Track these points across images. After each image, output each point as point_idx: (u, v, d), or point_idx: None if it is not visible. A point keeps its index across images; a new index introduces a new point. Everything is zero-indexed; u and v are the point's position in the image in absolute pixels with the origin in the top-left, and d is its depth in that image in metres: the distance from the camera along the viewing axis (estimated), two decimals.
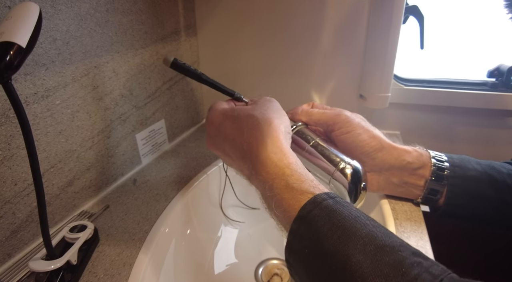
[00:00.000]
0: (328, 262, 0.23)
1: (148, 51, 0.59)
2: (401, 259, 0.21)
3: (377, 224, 0.24)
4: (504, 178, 0.37)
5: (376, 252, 0.22)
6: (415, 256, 0.21)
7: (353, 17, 0.65)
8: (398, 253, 0.21)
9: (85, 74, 0.47)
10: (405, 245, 0.23)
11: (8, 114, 0.37)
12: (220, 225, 0.58)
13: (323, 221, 0.24)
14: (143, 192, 0.54)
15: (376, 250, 0.22)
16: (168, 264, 0.44)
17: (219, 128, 0.35)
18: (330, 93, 0.73)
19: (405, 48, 0.66)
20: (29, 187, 0.40)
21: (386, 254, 0.21)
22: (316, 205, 0.25)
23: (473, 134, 0.72)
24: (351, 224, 0.23)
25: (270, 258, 0.57)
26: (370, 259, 0.21)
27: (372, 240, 0.22)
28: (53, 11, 0.40)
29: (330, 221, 0.24)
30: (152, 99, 0.62)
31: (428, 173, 0.39)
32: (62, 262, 0.35)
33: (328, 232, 0.23)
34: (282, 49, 0.72)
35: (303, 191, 0.27)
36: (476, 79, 0.71)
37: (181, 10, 0.68)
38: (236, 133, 0.33)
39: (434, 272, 0.20)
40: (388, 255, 0.21)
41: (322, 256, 0.23)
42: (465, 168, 0.39)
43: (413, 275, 0.20)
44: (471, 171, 0.38)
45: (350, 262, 0.22)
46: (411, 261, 0.21)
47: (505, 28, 0.73)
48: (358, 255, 0.22)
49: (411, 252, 0.22)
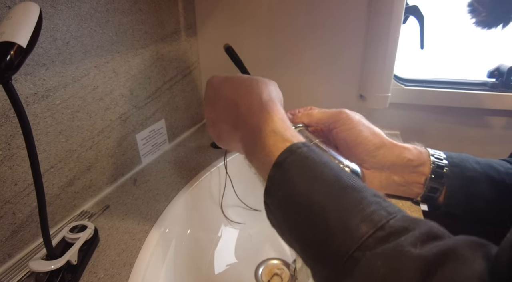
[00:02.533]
0: (298, 204, 0.25)
1: (148, 51, 0.59)
2: (362, 197, 0.23)
3: (344, 171, 0.27)
4: (502, 177, 0.38)
5: (339, 192, 0.24)
6: (375, 197, 0.23)
7: (353, 17, 0.65)
8: (360, 193, 0.24)
9: (85, 74, 0.47)
10: (368, 188, 0.25)
11: (8, 114, 0.37)
12: (220, 225, 0.58)
13: (296, 167, 0.27)
14: (143, 192, 0.54)
15: (340, 190, 0.24)
16: (168, 264, 0.44)
17: (217, 90, 0.37)
18: (330, 93, 0.73)
19: (405, 48, 0.66)
20: (29, 187, 0.40)
21: (348, 194, 0.24)
22: (291, 152, 0.27)
23: (473, 134, 0.72)
24: (320, 169, 0.26)
25: (270, 258, 0.57)
26: (333, 198, 0.24)
27: (337, 182, 0.25)
28: (53, 11, 0.40)
29: (302, 166, 0.26)
30: (152, 99, 0.62)
31: (428, 171, 0.40)
32: (62, 262, 0.35)
33: (299, 176, 0.26)
34: (282, 50, 0.72)
35: (284, 138, 0.29)
36: (476, 79, 0.71)
37: (181, 10, 0.68)
38: (232, 91, 0.35)
39: (390, 210, 0.22)
40: (350, 194, 0.24)
41: (293, 199, 0.26)
42: (464, 167, 0.39)
43: (370, 211, 0.22)
44: (470, 171, 0.39)
45: (316, 202, 0.24)
46: (370, 200, 0.23)
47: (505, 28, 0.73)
48: (322, 194, 0.24)
49: (372, 193, 0.24)
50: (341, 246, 0.21)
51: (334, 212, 0.23)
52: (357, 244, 0.21)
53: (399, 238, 0.20)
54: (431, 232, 0.20)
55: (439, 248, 0.18)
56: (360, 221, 0.22)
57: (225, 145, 0.40)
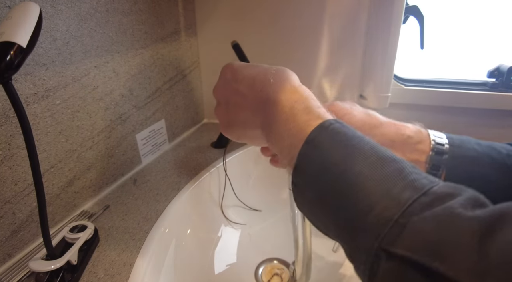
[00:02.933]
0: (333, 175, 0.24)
1: (148, 51, 0.59)
2: (401, 167, 0.22)
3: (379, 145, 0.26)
4: (503, 158, 0.38)
5: (377, 162, 0.23)
6: (414, 168, 0.23)
7: (353, 17, 0.64)
8: (399, 164, 0.23)
9: (85, 74, 0.47)
10: (405, 160, 0.24)
11: (8, 114, 0.37)
12: (220, 225, 0.58)
13: (329, 141, 0.26)
14: (143, 192, 0.54)
15: (378, 160, 0.23)
16: (168, 264, 0.44)
17: (239, 71, 0.36)
18: (330, 93, 0.73)
19: (405, 48, 0.66)
20: (29, 187, 0.40)
21: (387, 163, 0.23)
22: (324, 128, 0.27)
23: (473, 134, 0.71)
24: (355, 141, 0.25)
25: (270, 258, 0.56)
26: (371, 168, 0.23)
27: (374, 153, 0.24)
28: (53, 11, 0.40)
29: (335, 141, 0.26)
30: (152, 99, 0.62)
31: (428, 148, 0.39)
32: (62, 262, 0.35)
33: (332, 150, 0.25)
34: (282, 50, 0.72)
35: (317, 116, 0.28)
36: (476, 79, 0.71)
37: (181, 10, 0.68)
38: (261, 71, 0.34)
39: (431, 179, 0.22)
40: (389, 164, 0.23)
41: (327, 172, 0.25)
42: (465, 147, 0.39)
43: (411, 179, 0.21)
44: (470, 151, 0.39)
45: (353, 172, 0.23)
46: (410, 170, 0.22)
47: (505, 28, 0.73)
48: (359, 165, 0.23)
49: (410, 165, 0.23)
50: (383, 212, 0.20)
51: (374, 181, 0.22)
52: (401, 209, 0.20)
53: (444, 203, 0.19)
54: (477, 198, 0.20)
55: (492, 211, 0.18)
56: (403, 187, 0.21)
57: (233, 131, 0.37)
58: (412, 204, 0.20)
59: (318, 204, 0.26)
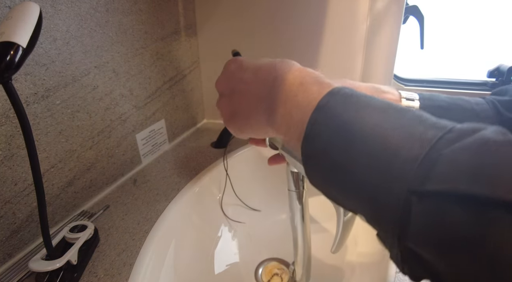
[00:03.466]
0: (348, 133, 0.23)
1: (148, 51, 0.59)
2: (419, 114, 0.22)
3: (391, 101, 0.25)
4: (472, 105, 0.40)
5: (394, 113, 0.22)
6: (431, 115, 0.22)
7: (353, 17, 0.65)
8: (416, 112, 0.22)
9: (85, 74, 0.47)
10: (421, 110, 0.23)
11: (8, 114, 0.37)
12: (220, 225, 0.58)
13: (341, 103, 0.25)
14: (143, 192, 0.54)
15: (394, 112, 0.23)
16: (168, 264, 0.44)
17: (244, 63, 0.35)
18: None
19: (405, 48, 0.66)
20: (29, 187, 0.40)
21: (403, 113, 0.22)
22: (333, 94, 0.26)
23: None
24: (367, 100, 0.24)
25: (270, 258, 0.56)
26: (388, 119, 0.22)
27: (389, 106, 0.23)
28: (53, 11, 0.40)
29: (347, 103, 0.25)
30: (152, 99, 0.62)
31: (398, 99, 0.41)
32: (62, 262, 0.35)
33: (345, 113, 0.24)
34: (282, 50, 0.72)
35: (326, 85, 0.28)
36: (476, 79, 0.71)
37: (181, 10, 0.68)
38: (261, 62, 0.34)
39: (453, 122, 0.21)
40: (406, 113, 0.22)
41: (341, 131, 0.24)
42: (434, 99, 0.41)
43: (432, 121, 0.21)
44: (440, 101, 0.41)
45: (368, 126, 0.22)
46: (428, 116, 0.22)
47: (505, 28, 0.73)
48: (376, 118, 0.22)
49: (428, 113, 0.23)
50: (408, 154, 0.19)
51: (394, 130, 0.21)
52: (428, 146, 0.19)
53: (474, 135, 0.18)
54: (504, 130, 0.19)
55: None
56: (425, 129, 0.20)
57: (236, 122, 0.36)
58: (438, 141, 0.19)
59: (334, 170, 0.24)
